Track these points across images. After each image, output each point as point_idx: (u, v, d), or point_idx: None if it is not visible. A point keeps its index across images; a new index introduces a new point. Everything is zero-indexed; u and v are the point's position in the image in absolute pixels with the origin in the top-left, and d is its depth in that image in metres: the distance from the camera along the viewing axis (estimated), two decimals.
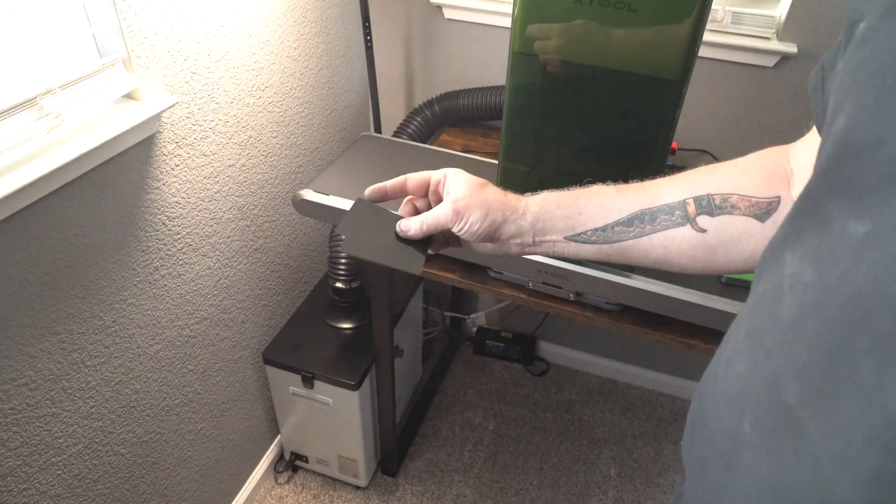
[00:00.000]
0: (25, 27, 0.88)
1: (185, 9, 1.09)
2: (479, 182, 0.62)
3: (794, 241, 0.37)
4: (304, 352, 1.55)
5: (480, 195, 0.61)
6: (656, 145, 0.94)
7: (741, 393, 0.39)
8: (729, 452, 0.39)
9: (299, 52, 1.46)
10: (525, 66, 0.93)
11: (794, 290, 0.35)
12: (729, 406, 0.40)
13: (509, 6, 1.20)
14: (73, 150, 0.90)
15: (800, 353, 0.33)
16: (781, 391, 0.34)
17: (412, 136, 1.59)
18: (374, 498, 1.75)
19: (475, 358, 2.18)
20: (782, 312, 0.36)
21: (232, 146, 1.30)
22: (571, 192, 0.62)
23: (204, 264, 1.30)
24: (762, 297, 0.39)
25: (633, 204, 0.59)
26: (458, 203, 0.60)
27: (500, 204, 0.61)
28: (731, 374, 0.41)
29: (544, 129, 0.98)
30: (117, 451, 1.18)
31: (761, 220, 0.54)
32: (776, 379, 0.35)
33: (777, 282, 0.37)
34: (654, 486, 1.82)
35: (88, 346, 1.06)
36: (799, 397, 0.33)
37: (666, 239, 0.58)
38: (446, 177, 0.63)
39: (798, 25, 1.37)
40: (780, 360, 0.35)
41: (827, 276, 0.32)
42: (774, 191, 0.54)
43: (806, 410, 0.32)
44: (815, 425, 0.32)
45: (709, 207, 0.56)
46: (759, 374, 0.37)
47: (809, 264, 0.34)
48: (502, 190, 0.63)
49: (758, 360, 0.37)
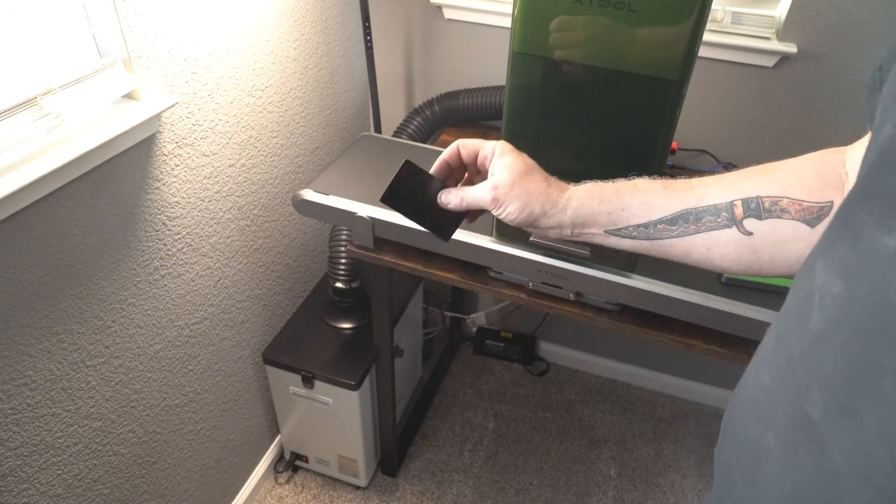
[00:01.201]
0: (25, 27, 0.88)
1: (185, 9, 1.09)
2: (524, 167, 0.61)
3: (827, 250, 0.36)
4: (304, 352, 1.55)
5: (522, 184, 0.60)
6: (656, 145, 0.94)
7: (767, 403, 0.38)
8: (753, 462, 0.39)
9: (299, 52, 1.46)
10: (525, 66, 0.93)
11: (824, 301, 0.34)
12: (755, 415, 0.39)
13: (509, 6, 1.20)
14: (73, 150, 0.90)
15: (826, 367, 0.33)
16: (806, 405, 0.34)
17: (412, 136, 1.59)
18: (374, 498, 1.75)
19: (475, 358, 2.18)
20: (811, 324, 0.35)
21: (232, 146, 1.30)
22: (616, 186, 0.60)
23: (204, 264, 1.30)
24: (793, 306, 0.39)
25: (678, 203, 0.58)
26: (499, 191, 0.60)
27: (541, 196, 0.60)
28: (757, 383, 0.40)
29: (544, 129, 0.98)
30: (117, 451, 1.18)
31: (811, 226, 0.52)
32: (801, 391, 0.34)
33: (808, 292, 0.36)
34: (654, 486, 1.82)
35: (88, 346, 1.06)
36: (823, 412, 0.32)
37: (710, 240, 0.57)
38: (494, 153, 0.62)
39: (798, 25, 1.37)
40: (805, 372, 0.34)
41: (856, 289, 0.31)
42: (827, 195, 0.52)
43: (829, 427, 0.32)
44: (837, 442, 0.31)
45: (757, 210, 0.54)
46: (784, 386, 0.36)
47: (839, 276, 0.33)
48: (546, 177, 0.62)
49: (784, 371, 0.37)
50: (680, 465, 1.88)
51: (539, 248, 1.10)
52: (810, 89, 1.44)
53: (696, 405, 2.06)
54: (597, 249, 1.06)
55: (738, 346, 1.09)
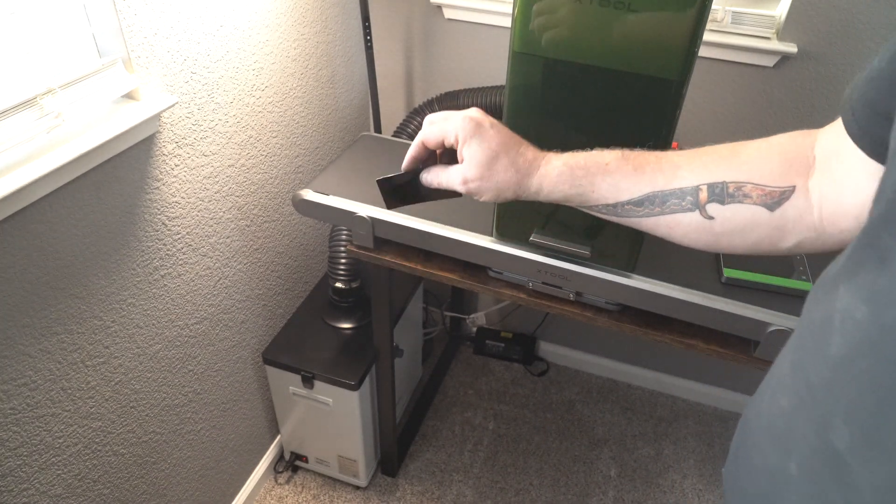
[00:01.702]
0: (25, 27, 0.88)
1: (185, 9, 1.09)
2: (490, 153, 0.63)
3: (851, 275, 0.35)
4: (304, 352, 1.55)
5: (491, 176, 0.63)
6: (656, 145, 0.94)
7: (787, 431, 0.37)
8: (772, 490, 0.38)
9: (299, 52, 1.46)
10: (525, 66, 0.93)
11: (846, 325, 0.34)
12: (774, 443, 0.39)
13: (509, 6, 1.20)
14: (73, 150, 0.90)
15: (850, 396, 0.32)
16: (830, 434, 0.33)
17: (412, 136, 1.59)
18: (374, 498, 1.75)
19: (475, 358, 2.18)
20: (832, 349, 0.34)
21: (232, 146, 1.30)
22: (587, 166, 0.62)
23: (204, 264, 1.30)
24: (810, 330, 0.38)
25: (646, 185, 0.60)
26: (470, 185, 0.64)
27: (511, 185, 0.63)
28: (775, 409, 0.40)
29: (544, 129, 0.98)
30: (117, 451, 1.18)
31: (771, 210, 0.54)
32: (825, 421, 0.34)
33: (828, 315, 0.36)
34: (654, 486, 1.82)
35: (88, 346, 1.06)
36: (849, 443, 0.32)
37: (672, 221, 0.59)
38: (458, 140, 0.64)
39: (798, 25, 1.37)
40: (829, 401, 0.34)
41: (882, 315, 0.31)
42: (791, 179, 0.53)
43: (856, 457, 0.31)
44: (865, 473, 0.31)
45: (721, 195, 0.56)
46: (806, 413, 0.36)
47: (863, 301, 0.33)
48: (513, 161, 0.63)
49: (803, 397, 0.36)
50: (680, 465, 1.88)
51: (539, 248, 1.10)
52: (810, 89, 1.44)
53: (696, 405, 2.06)
54: (597, 249, 1.06)
55: (738, 346, 1.09)
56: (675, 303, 1.05)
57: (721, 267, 1.09)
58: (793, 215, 0.53)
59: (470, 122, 0.63)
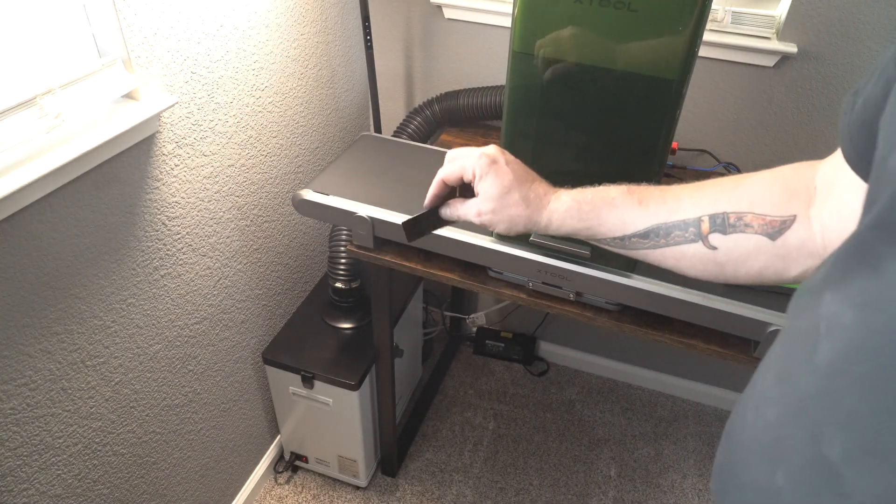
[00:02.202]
0: (25, 27, 0.88)
1: (185, 9, 1.09)
2: (503, 188, 0.66)
3: (837, 282, 0.35)
4: (304, 352, 1.55)
5: (503, 210, 0.67)
6: (656, 145, 0.94)
7: (774, 443, 0.37)
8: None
9: (299, 52, 1.46)
10: (525, 66, 0.93)
11: (833, 332, 0.33)
12: (761, 457, 0.38)
13: (509, 6, 1.20)
14: (73, 150, 0.90)
15: (844, 404, 0.32)
16: (822, 445, 0.32)
17: (412, 135, 1.59)
18: (374, 498, 1.75)
19: (475, 358, 2.18)
20: (819, 357, 0.34)
21: (232, 146, 1.30)
22: (593, 201, 0.65)
23: (204, 264, 1.30)
24: (794, 338, 0.38)
25: (650, 218, 0.61)
26: (483, 217, 0.68)
27: (522, 219, 0.67)
28: (760, 422, 0.39)
29: (544, 129, 0.98)
30: (117, 451, 1.18)
31: (772, 239, 0.54)
32: (816, 431, 0.33)
33: (813, 322, 0.36)
34: (654, 486, 1.82)
35: (88, 346, 1.06)
36: (843, 453, 0.31)
37: (678, 252, 0.60)
38: (475, 176, 0.67)
39: (798, 25, 1.37)
40: (820, 411, 0.33)
41: (872, 320, 0.31)
42: (792, 209, 0.54)
43: (851, 468, 0.31)
44: (861, 484, 0.30)
45: (722, 226, 0.57)
46: (795, 424, 0.35)
47: (851, 306, 0.33)
48: (525, 196, 0.67)
49: (791, 408, 0.36)
50: (680, 465, 1.88)
51: (539, 248, 1.10)
52: (810, 89, 1.44)
53: (696, 405, 2.06)
54: (597, 249, 1.06)
55: (738, 346, 1.09)
56: (675, 303, 1.05)
57: None
58: (795, 244, 0.54)
59: (486, 159, 0.67)
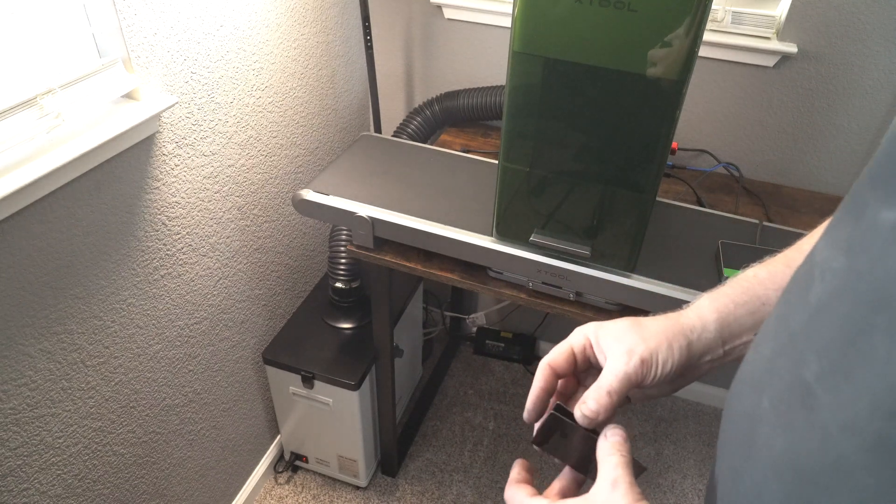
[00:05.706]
0: (25, 27, 0.88)
1: (185, 9, 1.09)
2: (630, 322, 0.52)
3: (829, 230, 0.37)
4: (304, 352, 1.55)
5: (646, 333, 0.51)
6: (656, 145, 0.94)
7: (765, 373, 0.39)
8: (748, 431, 0.40)
9: (299, 52, 1.46)
10: (525, 66, 0.93)
11: (825, 276, 0.36)
12: (752, 387, 0.40)
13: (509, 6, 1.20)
14: (73, 150, 0.90)
15: (823, 335, 0.34)
16: (802, 370, 0.35)
17: (412, 135, 1.59)
18: (374, 498, 1.75)
19: (475, 358, 2.18)
20: (811, 297, 0.36)
21: (232, 146, 1.30)
22: (735, 287, 0.53)
23: (204, 264, 1.30)
24: (793, 283, 0.40)
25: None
26: (635, 349, 0.49)
27: (673, 332, 0.51)
28: (757, 357, 0.41)
29: (544, 129, 0.98)
30: (117, 451, 1.18)
31: None
32: (799, 359, 0.36)
33: (808, 268, 0.38)
34: (655, 486, 1.82)
35: (88, 346, 1.06)
36: (818, 373, 0.34)
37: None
38: (590, 338, 0.52)
39: (798, 25, 1.37)
40: (805, 342, 0.36)
41: (857, 263, 0.33)
42: None
43: (822, 385, 0.33)
44: (827, 398, 0.33)
45: None
46: (784, 356, 0.38)
47: (841, 251, 0.35)
48: (655, 318, 0.53)
49: (783, 343, 0.38)
50: (680, 465, 1.88)
51: (539, 248, 1.10)
52: (810, 89, 1.44)
53: (696, 405, 2.06)
54: (597, 249, 1.06)
55: None
56: (675, 303, 1.05)
57: (721, 267, 1.08)
58: None
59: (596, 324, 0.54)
